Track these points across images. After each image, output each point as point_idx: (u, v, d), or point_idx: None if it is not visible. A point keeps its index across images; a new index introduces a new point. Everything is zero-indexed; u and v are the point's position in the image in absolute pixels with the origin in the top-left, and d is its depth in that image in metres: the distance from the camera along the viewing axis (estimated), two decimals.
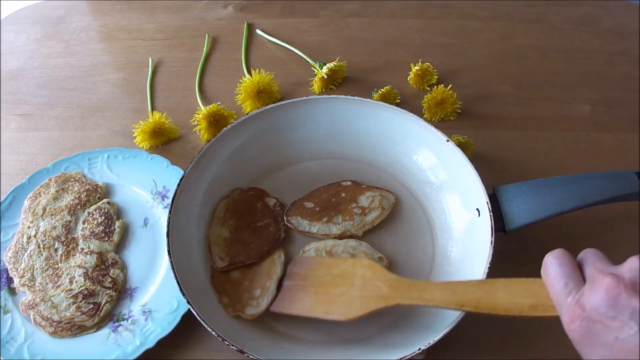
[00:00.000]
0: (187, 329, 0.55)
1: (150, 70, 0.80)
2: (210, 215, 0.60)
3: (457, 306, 0.45)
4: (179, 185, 0.56)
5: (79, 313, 0.56)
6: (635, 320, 0.33)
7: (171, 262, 0.51)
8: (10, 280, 0.59)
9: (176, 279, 0.50)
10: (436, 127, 0.59)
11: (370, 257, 0.56)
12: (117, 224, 0.62)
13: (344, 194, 0.62)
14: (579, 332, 0.36)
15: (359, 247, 0.58)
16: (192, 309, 0.48)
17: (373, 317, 0.53)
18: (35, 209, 0.63)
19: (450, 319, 0.47)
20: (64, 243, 0.61)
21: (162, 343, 0.54)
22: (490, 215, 0.52)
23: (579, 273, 0.38)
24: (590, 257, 0.39)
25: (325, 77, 0.73)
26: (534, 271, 0.59)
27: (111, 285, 0.57)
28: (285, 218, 0.60)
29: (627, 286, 0.34)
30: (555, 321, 0.56)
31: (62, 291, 0.57)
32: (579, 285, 0.37)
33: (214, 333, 0.47)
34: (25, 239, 0.61)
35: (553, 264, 0.40)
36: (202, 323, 0.48)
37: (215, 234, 0.59)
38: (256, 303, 0.54)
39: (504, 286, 0.43)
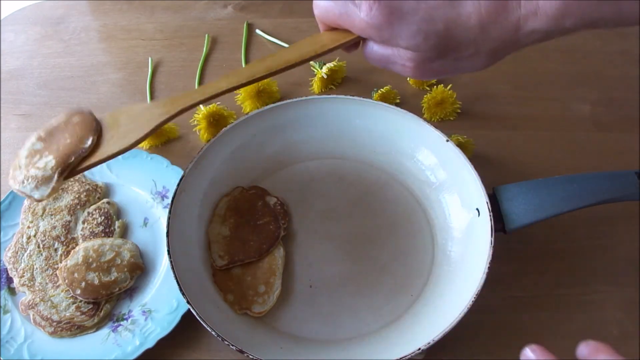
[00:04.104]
0: (187, 329, 0.55)
1: (150, 70, 0.80)
2: (211, 214, 0.60)
3: (248, 79, 0.45)
4: (178, 185, 0.56)
5: (78, 313, 0.56)
6: None
7: (171, 262, 0.51)
8: (10, 280, 0.59)
9: (176, 279, 0.50)
10: (436, 127, 0.58)
11: (135, 254, 0.59)
12: (117, 224, 0.62)
13: None
14: (383, 13, 0.39)
15: (124, 245, 0.60)
16: (191, 309, 0.48)
17: (373, 314, 0.54)
18: (34, 209, 0.63)
19: (450, 318, 0.47)
20: (64, 243, 0.61)
21: (162, 343, 0.54)
22: (490, 215, 0.52)
23: None
24: None
25: (325, 77, 0.73)
26: (535, 271, 0.60)
27: None
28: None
29: None
30: (556, 323, 0.56)
31: (62, 291, 0.57)
32: None
33: (213, 333, 0.47)
34: (25, 239, 0.61)
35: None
36: (202, 323, 0.48)
37: (215, 232, 0.59)
38: (262, 300, 0.54)
39: (289, 48, 0.46)
